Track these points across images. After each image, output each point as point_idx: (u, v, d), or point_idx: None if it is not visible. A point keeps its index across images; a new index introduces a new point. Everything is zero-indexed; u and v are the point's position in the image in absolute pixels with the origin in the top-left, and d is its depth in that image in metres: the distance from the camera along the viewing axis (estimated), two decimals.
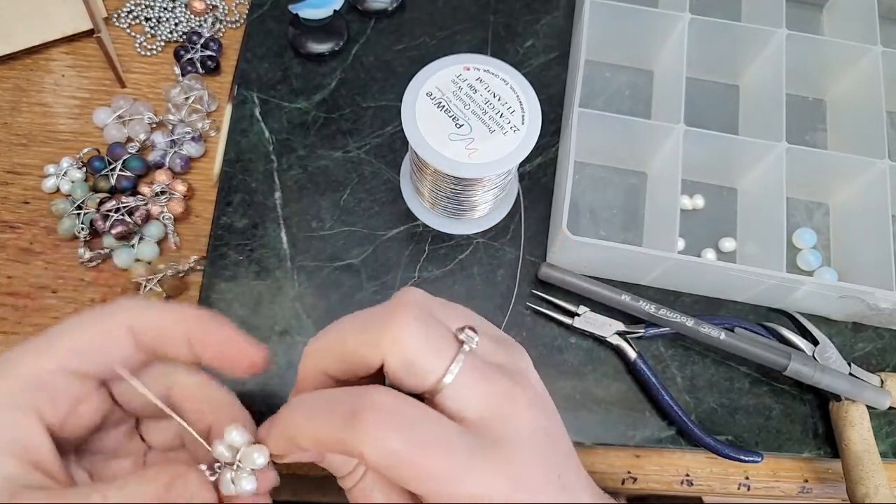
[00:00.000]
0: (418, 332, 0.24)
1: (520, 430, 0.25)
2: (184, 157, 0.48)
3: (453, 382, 0.24)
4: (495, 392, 0.25)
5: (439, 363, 0.24)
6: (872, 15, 0.51)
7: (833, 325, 0.48)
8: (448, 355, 0.24)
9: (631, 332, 0.45)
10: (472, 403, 0.24)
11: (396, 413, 0.23)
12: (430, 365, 0.24)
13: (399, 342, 0.24)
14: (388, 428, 0.23)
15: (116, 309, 0.28)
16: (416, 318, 0.24)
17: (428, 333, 0.24)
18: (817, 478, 0.46)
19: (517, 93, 0.40)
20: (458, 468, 0.23)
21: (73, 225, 0.45)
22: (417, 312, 0.25)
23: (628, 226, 0.49)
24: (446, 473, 0.23)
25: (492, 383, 0.25)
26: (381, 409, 0.23)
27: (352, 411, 0.23)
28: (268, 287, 0.45)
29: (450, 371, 0.24)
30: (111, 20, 0.53)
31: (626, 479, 0.45)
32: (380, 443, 0.23)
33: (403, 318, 0.24)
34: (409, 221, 0.48)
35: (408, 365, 0.24)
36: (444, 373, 0.24)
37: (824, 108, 0.55)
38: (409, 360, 0.24)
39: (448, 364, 0.24)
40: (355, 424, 0.23)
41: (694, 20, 0.49)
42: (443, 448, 0.23)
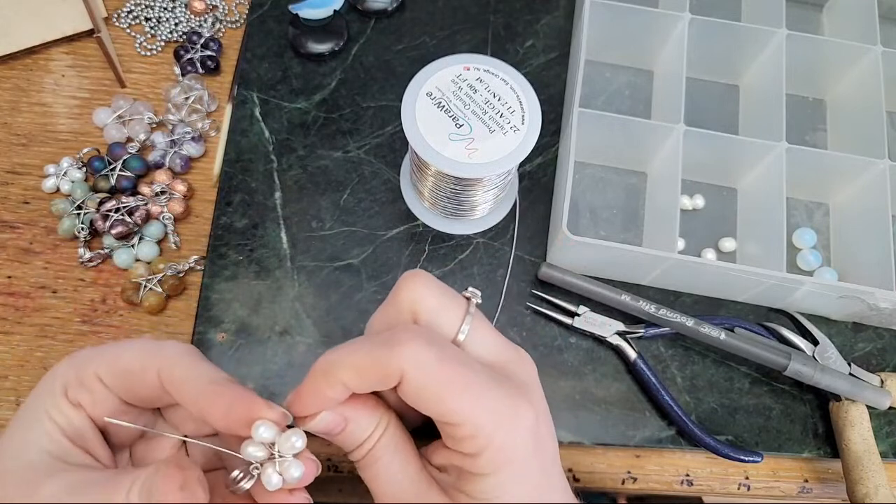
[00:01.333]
0: (433, 289, 0.28)
1: (533, 378, 0.28)
2: (184, 157, 0.48)
3: (469, 333, 0.27)
4: (506, 345, 0.29)
5: (456, 315, 0.28)
6: (872, 15, 0.51)
7: (833, 325, 0.48)
8: (462, 309, 0.28)
9: (631, 332, 0.45)
10: (488, 351, 0.28)
11: (430, 335, 0.26)
12: (449, 318, 0.27)
13: (420, 298, 0.27)
14: (423, 343, 0.25)
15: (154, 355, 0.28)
16: (426, 280, 0.28)
17: (441, 291, 0.28)
18: (817, 478, 0.46)
19: (517, 93, 0.40)
20: (489, 387, 0.26)
21: (72, 225, 0.45)
22: (425, 278, 0.28)
23: (628, 226, 0.49)
24: (478, 391, 0.25)
25: (500, 338, 0.29)
26: (417, 331, 0.26)
27: (390, 335, 0.26)
28: (268, 287, 0.45)
29: (465, 322, 0.27)
30: (111, 20, 0.53)
31: (626, 479, 0.45)
32: (421, 359, 0.25)
33: (416, 282, 0.28)
34: (409, 221, 0.48)
35: (433, 313, 0.27)
36: (462, 323, 0.27)
37: (824, 108, 0.55)
38: (433, 307, 0.27)
39: (463, 315, 0.28)
40: (394, 343, 0.25)
41: (694, 20, 0.49)
42: (472, 369, 0.26)
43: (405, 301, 0.28)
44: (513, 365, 0.28)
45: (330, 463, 0.43)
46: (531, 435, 0.26)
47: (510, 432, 0.26)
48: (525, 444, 0.26)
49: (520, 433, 0.26)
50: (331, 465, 0.43)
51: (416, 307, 0.27)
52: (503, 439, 0.25)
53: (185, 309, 0.45)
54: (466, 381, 0.25)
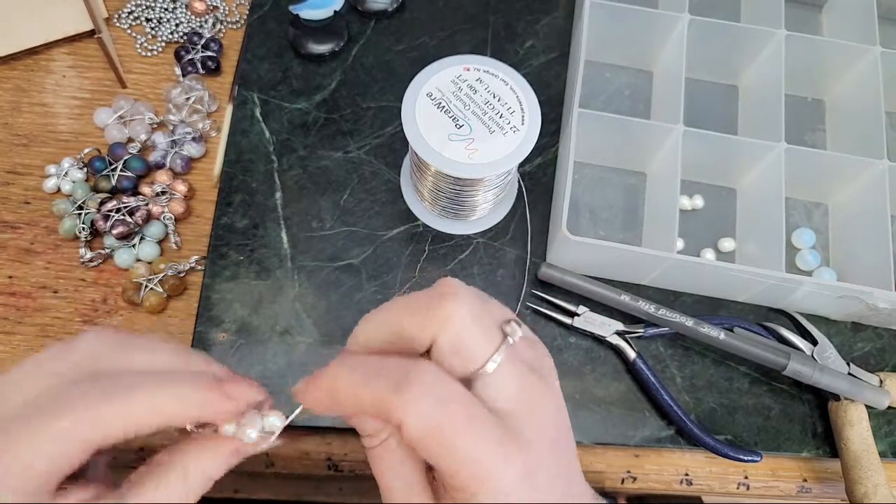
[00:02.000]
0: (469, 316, 0.25)
1: (543, 429, 0.26)
2: (184, 157, 0.48)
3: (494, 372, 0.25)
4: (528, 388, 0.26)
5: (484, 350, 0.25)
6: (871, 15, 0.51)
7: (832, 325, 0.48)
8: (493, 345, 0.25)
9: (630, 332, 0.46)
10: (506, 394, 0.26)
11: (443, 388, 0.24)
12: (476, 351, 0.25)
13: (451, 323, 0.25)
14: (432, 400, 0.24)
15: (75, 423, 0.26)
16: (467, 304, 0.25)
17: (478, 320, 0.25)
18: (816, 477, 0.47)
19: (517, 93, 0.40)
20: (487, 454, 0.24)
21: (73, 225, 0.45)
22: (468, 299, 0.26)
23: (628, 226, 0.49)
24: (473, 453, 0.24)
25: (526, 379, 0.26)
26: (429, 382, 0.24)
27: (401, 378, 0.24)
28: (268, 287, 0.45)
29: (493, 360, 0.25)
30: (112, 21, 0.53)
31: (626, 479, 0.45)
32: (422, 414, 0.23)
33: (456, 302, 0.25)
34: (409, 221, 0.48)
35: (456, 347, 0.25)
36: (487, 361, 0.25)
37: (823, 108, 0.55)
38: (458, 342, 0.25)
39: (492, 353, 0.25)
40: (403, 391, 0.24)
41: (693, 21, 0.49)
42: (478, 433, 0.24)
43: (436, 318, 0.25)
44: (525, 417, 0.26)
45: (330, 462, 0.43)
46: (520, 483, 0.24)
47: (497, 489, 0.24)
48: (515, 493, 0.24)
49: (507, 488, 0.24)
50: (331, 465, 0.43)
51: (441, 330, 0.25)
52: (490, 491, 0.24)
53: (186, 309, 0.46)
54: (464, 446, 0.24)
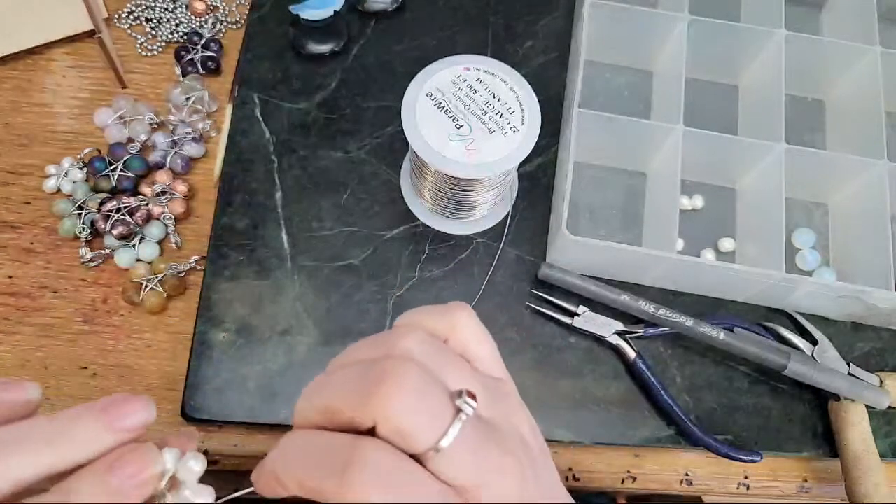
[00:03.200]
0: (411, 401, 0.23)
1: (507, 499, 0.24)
2: (185, 157, 0.48)
3: (444, 452, 0.23)
4: (485, 462, 0.24)
5: (432, 434, 0.23)
6: (871, 16, 0.51)
7: (832, 325, 0.48)
8: (442, 425, 0.23)
9: (630, 332, 0.46)
10: (461, 472, 0.24)
11: (387, 474, 0.23)
12: (422, 435, 0.23)
13: (391, 412, 0.23)
14: (375, 489, 0.22)
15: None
16: (410, 385, 0.23)
17: (422, 402, 0.23)
18: (816, 477, 0.47)
19: (517, 93, 0.40)
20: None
21: (74, 225, 0.45)
22: (413, 375, 0.23)
23: (628, 226, 0.49)
24: None
25: (483, 453, 0.24)
26: (372, 468, 0.22)
27: (342, 464, 0.23)
28: (268, 287, 0.45)
29: (443, 440, 0.23)
30: (112, 21, 0.53)
31: (626, 479, 0.45)
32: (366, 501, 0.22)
33: (396, 385, 0.23)
34: (409, 221, 0.48)
35: (398, 434, 0.23)
36: (437, 442, 0.23)
37: (823, 108, 0.55)
38: (400, 430, 0.23)
39: (440, 434, 0.23)
40: (343, 480, 0.22)
41: (693, 21, 0.49)
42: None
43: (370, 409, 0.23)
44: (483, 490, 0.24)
45: None
46: None
47: None
48: None
49: None
50: None
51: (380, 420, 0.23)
52: None
53: (186, 309, 0.46)
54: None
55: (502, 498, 0.24)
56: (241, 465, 0.43)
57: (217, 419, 0.42)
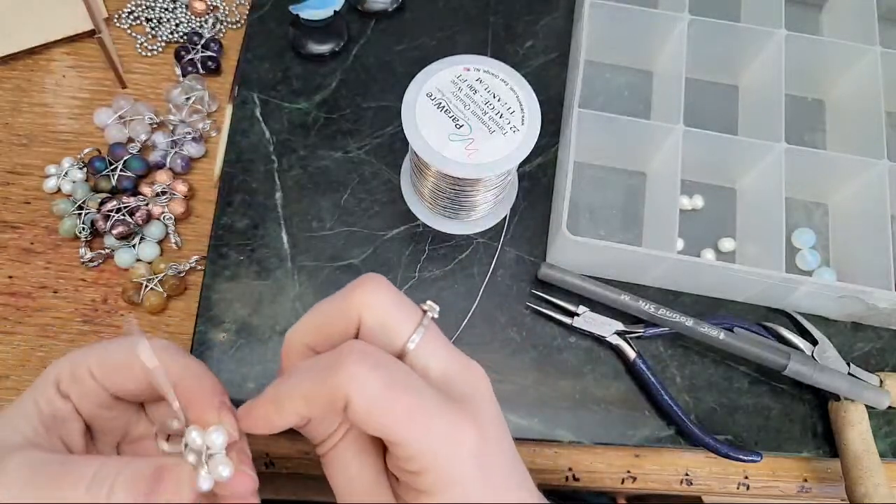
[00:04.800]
0: (388, 295, 0.27)
1: (482, 393, 0.28)
2: (184, 157, 0.48)
3: (420, 343, 0.27)
4: (456, 358, 0.28)
5: (407, 325, 0.27)
6: (871, 16, 0.51)
7: (832, 325, 0.48)
8: (415, 319, 0.27)
9: (630, 332, 0.46)
10: (436, 363, 0.27)
11: (374, 356, 0.25)
12: (399, 326, 0.27)
13: (372, 303, 0.27)
14: (368, 366, 0.25)
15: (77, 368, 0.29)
16: (384, 286, 0.27)
17: (395, 300, 0.27)
18: (816, 477, 0.47)
19: (517, 93, 0.40)
20: (431, 412, 0.25)
21: (74, 225, 0.45)
22: (384, 283, 0.28)
23: (628, 226, 0.49)
24: (420, 416, 0.25)
25: (452, 350, 0.28)
26: (361, 352, 0.25)
27: (335, 359, 0.25)
28: (268, 287, 0.45)
29: (417, 332, 0.27)
30: (112, 21, 0.53)
31: (626, 479, 0.45)
32: (362, 383, 0.25)
33: (373, 285, 0.27)
34: (409, 221, 0.48)
35: (381, 324, 0.27)
36: (412, 333, 0.27)
37: (823, 108, 0.55)
38: (382, 319, 0.27)
39: (415, 326, 0.27)
40: (339, 368, 0.25)
41: (693, 21, 0.49)
42: (416, 392, 0.25)
43: (355, 302, 0.27)
44: (461, 379, 0.28)
45: None
46: (473, 457, 0.26)
47: (451, 457, 0.25)
48: (467, 466, 0.26)
49: (461, 456, 0.25)
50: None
51: (364, 311, 0.27)
52: (444, 463, 0.25)
53: (186, 309, 0.46)
54: (409, 407, 0.25)
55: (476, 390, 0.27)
56: None
57: None
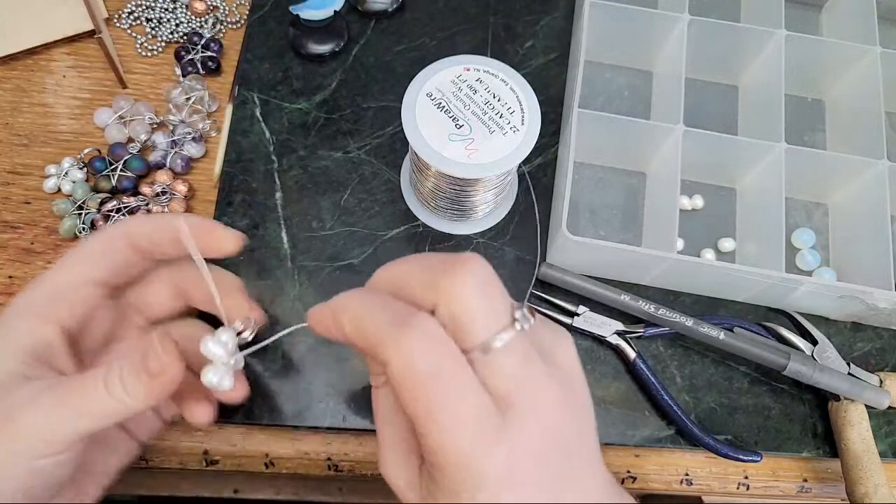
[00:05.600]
0: (477, 291, 0.24)
1: (538, 420, 0.25)
2: (185, 157, 0.48)
3: (492, 354, 0.24)
4: (528, 378, 0.25)
5: (484, 331, 0.24)
6: (871, 16, 0.51)
7: (832, 325, 0.48)
8: (496, 326, 0.24)
9: (630, 332, 0.46)
10: (501, 378, 0.24)
11: (434, 344, 0.24)
12: (475, 327, 0.24)
13: (455, 294, 0.24)
14: (420, 352, 0.23)
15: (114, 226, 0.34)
16: (478, 279, 0.25)
17: (485, 297, 0.25)
18: (816, 477, 0.47)
19: (517, 93, 0.40)
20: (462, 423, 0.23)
21: (74, 225, 0.45)
22: (485, 272, 0.25)
23: (628, 226, 0.50)
24: (449, 422, 0.23)
25: (528, 369, 0.25)
26: (424, 334, 0.24)
27: (401, 321, 0.24)
28: (268, 287, 0.45)
29: (494, 341, 0.24)
30: (112, 21, 0.53)
31: (626, 479, 0.45)
32: (408, 360, 0.23)
33: (466, 275, 0.24)
34: (409, 221, 0.48)
35: (454, 321, 0.24)
36: (487, 341, 0.24)
37: (823, 108, 0.55)
38: (458, 316, 0.24)
39: (492, 335, 0.24)
40: (398, 332, 0.24)
41: (693, 21, 0.49)
42: (458, 397, 0.23)
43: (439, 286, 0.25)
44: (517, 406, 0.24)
45: (330, 462, 0.43)
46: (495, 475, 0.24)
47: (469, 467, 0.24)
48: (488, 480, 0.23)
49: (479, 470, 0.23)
50: (331, 465, 0.43)
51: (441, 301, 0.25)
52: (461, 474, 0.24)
53: None
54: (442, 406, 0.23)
55: (535, 422, 0.24)
56: (241, 466, 0.43)
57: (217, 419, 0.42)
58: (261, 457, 0.43)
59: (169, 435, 0.43)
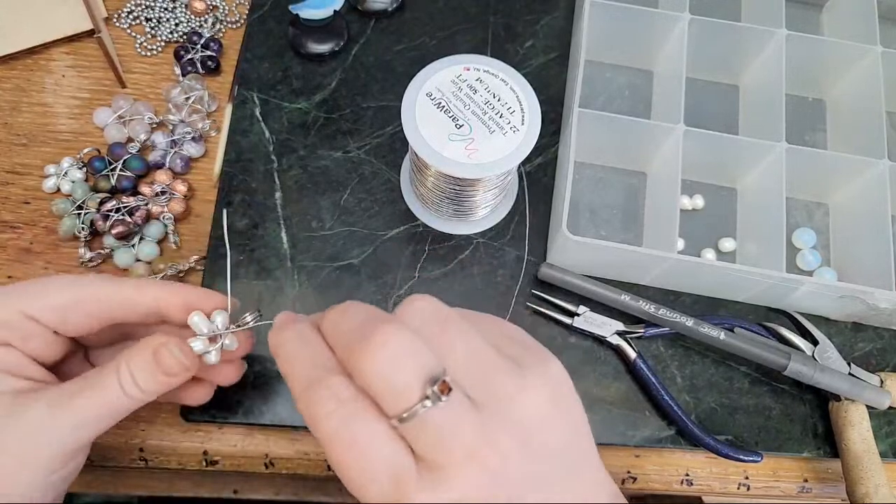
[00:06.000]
0: (384, 368, 0.23)
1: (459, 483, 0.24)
2: (184, 157, 0.48)
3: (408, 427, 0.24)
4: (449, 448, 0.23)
5: (395, 406, 0.24)
6: (872, 15, 0.51)
7: (833, 325, 0.48)
8: (405, 404, 0.23)
9: (631, 332, 0.46)
10: (420, 449, 0.24)
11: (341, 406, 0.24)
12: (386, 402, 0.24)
13: (364, 369, 0.24)
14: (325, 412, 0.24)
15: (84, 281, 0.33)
16: (390, 352, 0.23)
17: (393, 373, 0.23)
18: (817, 477, 0.47)
19: (517, 93, 0.40)
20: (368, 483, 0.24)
21: (73, 225, 0.45)
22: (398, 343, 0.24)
23: (628, 226, 0.49)
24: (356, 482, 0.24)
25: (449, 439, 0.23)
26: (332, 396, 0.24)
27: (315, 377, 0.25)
28: (268, 287, 0.45)
29: (404, 415, 0.23)
30: (111, 20, 0.53)
31: (626, 479, 0.45)
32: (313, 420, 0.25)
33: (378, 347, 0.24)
34: (409, 221, 0.48)
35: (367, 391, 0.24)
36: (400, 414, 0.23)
37: (824, 108, 0.55)
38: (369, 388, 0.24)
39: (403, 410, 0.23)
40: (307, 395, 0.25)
41: (694, 20, 0.49)
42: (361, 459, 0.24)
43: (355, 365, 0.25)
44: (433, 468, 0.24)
45: None
46: None
47: None
48: None
49: None
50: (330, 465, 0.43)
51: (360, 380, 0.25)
52: None
53: None
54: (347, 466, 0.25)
55: (460, 482, 0.23)
56: (241, 466, 0.43)
57: (217, 419, 0.42)
58: (260, 457, 0.43)
59: (169, 435, 0.43)
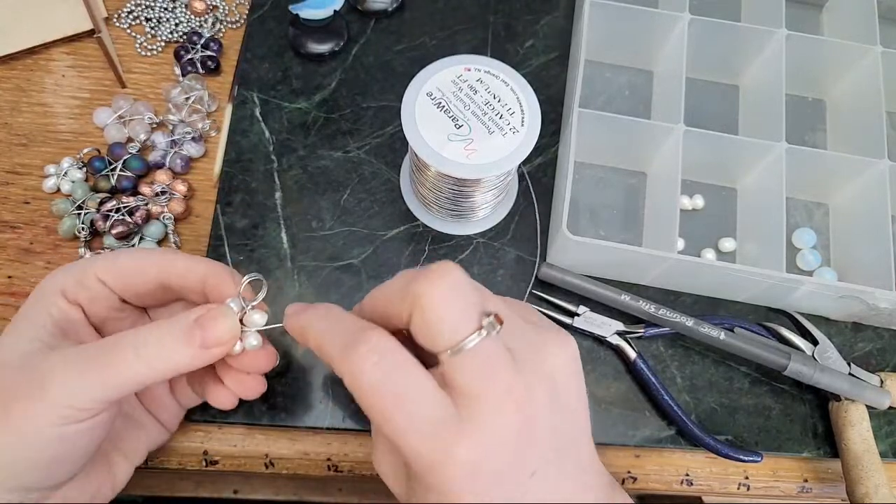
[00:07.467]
0: (442, 299, 0.26)
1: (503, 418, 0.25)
2: (184, 157, 0.48)
3: (457, 359, 0.25)
4: (493, 377, 0.26)
5: (451, 335, 0.25)
6: (872, 15, 0.51)
7: (833, 325, 0.48)
8: (463, 331, 0.25)
9: (631, 332, 0.46)
10: (465, 381, 0.26)
11: (383, 356, 0.26)
12: (444, 330, 0.25)
13: (425, 299, 0.26)
14: (368, 365, 0.25)
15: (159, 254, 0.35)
16: (446, 285, 0.26)
17: (454, 301, 0.26)
18: (817, 477, 0.47)
19: (517, 94, 0.40)
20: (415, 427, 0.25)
21: (73, 225, 0.45)
22: (454, 276, 0.26)
23: (628, 226, 0.49)
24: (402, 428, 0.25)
25: (494, 368, 0.26)
26: (371, 348, 0.26)
27: (351, 338, 0.26)
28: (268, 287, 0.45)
29: (462, 345, 0.25)
30: (111, 20, 0.53)
31: (626, 479, 0.45)
32: (355, 376, 0.26)
33: (433, 283, 0.26)
34: (409, 221, 0.48)
35: (424, 325, 0.26)
36: (455, 344, 0.25)
37: (824, 108, 0.55)
38: (426, 321, 0.26)
39: (460, 339, 0.25)
40: (347, 351, 0.26)
41: (694, 20, 0.49)
42: (407, 403, 0.25)
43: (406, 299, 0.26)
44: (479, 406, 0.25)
45: (330, 462, 0.43)
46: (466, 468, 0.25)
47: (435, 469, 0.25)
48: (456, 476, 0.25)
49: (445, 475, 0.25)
50: (331, 466, 0.43)
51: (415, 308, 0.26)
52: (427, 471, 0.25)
53: None
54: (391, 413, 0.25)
55: (498, 419, 0.25)
56: (241, 466, 0.43)
57: (217, 419, 0.42)
58: (261, 457, 0.43)
59: None
